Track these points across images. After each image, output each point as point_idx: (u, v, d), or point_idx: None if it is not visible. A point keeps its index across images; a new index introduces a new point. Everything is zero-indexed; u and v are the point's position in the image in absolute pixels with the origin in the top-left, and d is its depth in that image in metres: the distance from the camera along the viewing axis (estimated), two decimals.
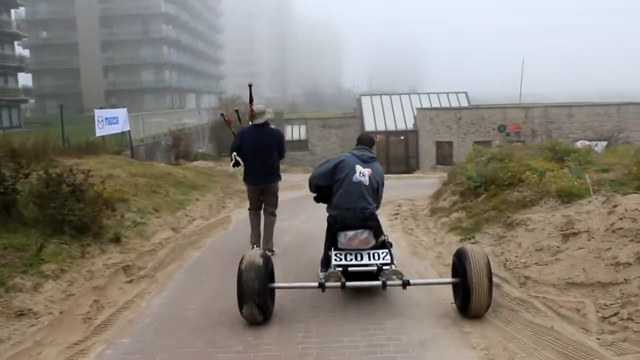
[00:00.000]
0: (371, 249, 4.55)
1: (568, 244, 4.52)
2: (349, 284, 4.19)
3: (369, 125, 30.29)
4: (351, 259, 4.47)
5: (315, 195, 5.06)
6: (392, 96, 33.57)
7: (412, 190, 11.25)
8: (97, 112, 13.39)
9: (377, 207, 4.85)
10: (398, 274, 4.24)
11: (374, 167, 4.80)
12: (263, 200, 6.28)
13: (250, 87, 6.58)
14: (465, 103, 32.32)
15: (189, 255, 6.38)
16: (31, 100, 48.20)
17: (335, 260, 4.46)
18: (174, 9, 57.22)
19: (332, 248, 4.60)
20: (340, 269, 4.35)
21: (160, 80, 54.20)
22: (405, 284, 4.13)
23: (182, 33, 59.70)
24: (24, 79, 45.46)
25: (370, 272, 4.40)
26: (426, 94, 34.40)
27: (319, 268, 4.77)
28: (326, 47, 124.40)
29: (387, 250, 4.53)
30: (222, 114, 7.40)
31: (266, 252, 4.39)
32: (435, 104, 32.06)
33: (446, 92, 33.62)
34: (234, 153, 6.01)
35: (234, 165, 6.09)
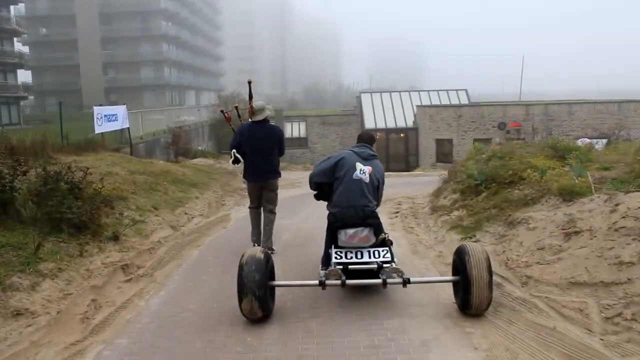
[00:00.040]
0: (371, 246, 4.53)
1: (570, 242, 4.48)
2: (349, 282, 4.18)
3: (369, 123, 30.21)
4: (351, 257, 4.45)
5: (316, 192, 5.04)
6: (392, 93, 33.41)
7: (412, 188, 11.22)
8: (96, 109, 13.32)
9: (378, 204, 4.82)
10: (398, 272, 4.21)
11: (375, 165, 4.78)
12: (262, 198, 6.24)
13: (250, 84, 6.54)
14: (465, 100, 32.18)
15: (188, 254, 6.34)
16: (30, 97, 48.15)
17: (336, 258, 4.44)
18: (174, 5, 57.16)
19: (333, 246, 4.58)
20: (341, 266, 4.33)
21: (160, 77, 54.17)
22: (406, 282, 4.12)
23: (181, 30, 59.65)
24: (24, 75, 45.55)
25: (371, 270, 4.38)
26: (426, 91, 34.23)
27: (320, 266, 4.74)
28: (326, 44, 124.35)
29: (387, 248, 4.51)
30: (221, 111, 7.36)
31: (267, 251, 4.36)
32: (435, 101, 31.92)
33: (446, 90, 33.46)
34: (233, 150, 5.97)
35: (234, 163, 6.05)
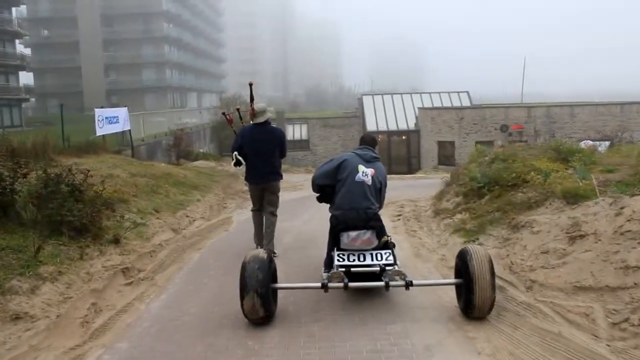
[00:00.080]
0: (374, 249, 4.51)
1: (575, 246, 4.43)
2: (351, 284, 4.15)
3: (371, 125, 30.17)
4: (354, 260, 4.43)
5: (319, 195, 5.01)
6: (393, 96, 33.38)
7: (414, 190, 11.16)
8: (98, 111, 13.32)
9: (380, 207, 4.79)
10: (401, 274, 4.19)
11: (377, 167, 4.76)
12: (264, 200, 6.20)
13: (251, 85, 6.52)
14: (467, 102, 32.14)
15: (189, 257, 6.31)
16: (32, 99, 48.23)
17: (338, 260, 4.41)
18: (175, 7, 57.24)
19: (335, 248, 4.56)
20: (343, 269, 4.30)
21: (162, 79, 54.22)
22: (408, 284, 4.09)
23: (183, 32, 59.72)
24: (26, 77, 45.62)
25: (373, 272, 4.35)
26: (428, 93, 34.16)
27: (322, 269, 4.71)
28: (327, 46, 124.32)
29: (390, 251, 4.49)
30: (223, 113, 7.35)
31: (270, 253, 4.33)
32: (437, 103, 31.87)
33: (448, 92, 33.41)
34: (235, 152, 5.95)
35: (236, 165, 6.02)
